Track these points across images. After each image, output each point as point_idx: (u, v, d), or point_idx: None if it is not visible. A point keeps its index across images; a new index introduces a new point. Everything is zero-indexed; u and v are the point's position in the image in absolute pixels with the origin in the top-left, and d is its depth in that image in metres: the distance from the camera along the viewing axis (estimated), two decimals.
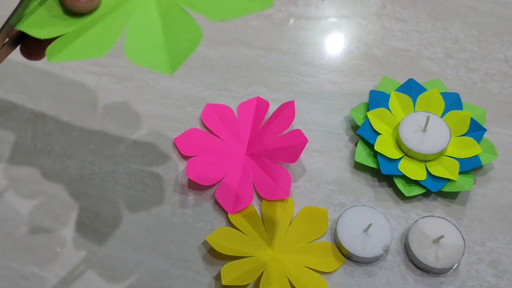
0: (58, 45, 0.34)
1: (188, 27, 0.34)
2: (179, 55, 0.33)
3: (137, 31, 0.34)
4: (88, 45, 0.34)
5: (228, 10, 0.33)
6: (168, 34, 0.33)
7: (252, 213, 0.52)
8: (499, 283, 0.49)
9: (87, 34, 0.34)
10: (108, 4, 0.36)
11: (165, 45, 0.33)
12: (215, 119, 0.58)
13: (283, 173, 0.53)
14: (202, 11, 0.34)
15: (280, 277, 0.48)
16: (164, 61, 0.33)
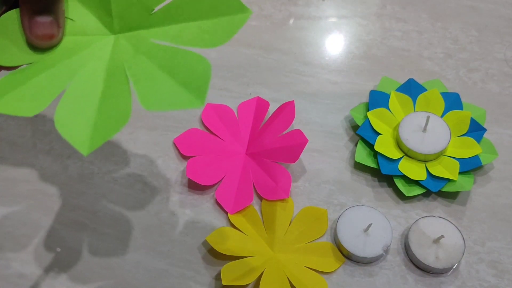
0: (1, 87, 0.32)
1: (121, 103, 0.32)
2: (101, 135, 0.31)
3: (75, 93, 0.32)
4: (23, 99, 0.32)
5: (159, 102, 0.32)
6: (103, 106, 0.32)
7: (252, 213, 0.52)
8: (499, 283, 0.49)
9: (27, 84, 0.32)
10: (64, 48, 0.34)
11: (94, 120, 0.31)
12: (215, 119, 0.57)
13: (283, 173, 0.53)
14: (139, 92, 0.33)
15: (280, 277, 0.48)
16: (86, 139, 0.31)
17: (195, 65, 0.32)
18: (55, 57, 0.34)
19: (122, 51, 0.34)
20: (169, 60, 0.33)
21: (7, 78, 0.33)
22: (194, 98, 0.31)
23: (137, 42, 0.34)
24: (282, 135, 0.54)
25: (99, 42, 0.34)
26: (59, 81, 0.33)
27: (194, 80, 0.31)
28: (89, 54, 0.34)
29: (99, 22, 0.35)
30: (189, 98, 0.31)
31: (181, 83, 0.32)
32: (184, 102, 0.31)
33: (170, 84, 0.32)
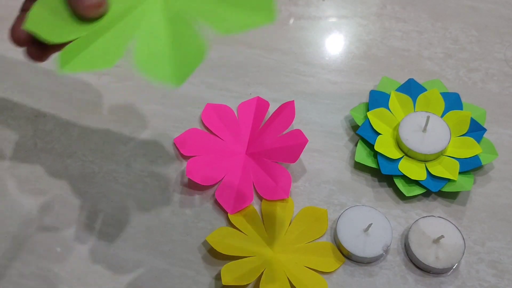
0: (69, 54, 0.34)
1: (195, 40, 0.34)
2: (186, 68, 0.33)
3: (145, 42, 0.34)
4: (97, 55, 0.34)
5: (231, 25, 0.34)
6: (175, 46, 0.34)
7: (252, 213, 0.52)
8: (499, 283, 0.49)
9: (96, 43, 0.34)
10: (115, 12, 0.35)
11: (173, 58, 0.33)
12: (215, 119, 0.58)
13: (283, 173, 0.53)
14: (208, 23, 0.34)
15: (280, 277, 0.48)
16: (172, 74, 0.33)
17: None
18: (111, 20, 0.34)
19: (172, 3, 0.35)
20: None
21: (72, 45, 0.33)
22: (264, 16, 0.32)
23: None
24: (282, 135, 0.54)
25: (146, 2, 0.35)
26: (125, 35, 0.34)
27: (257, 3, 0.33)
28: (142, 11, 0.35)
29: None
30: (260, 17, 0.33)
31: (246, 8, 0.33)
32: (256, 21, 0.33)
33: (236, 11, 0.33)
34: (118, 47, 0.34)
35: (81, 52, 0.33)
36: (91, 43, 0.34)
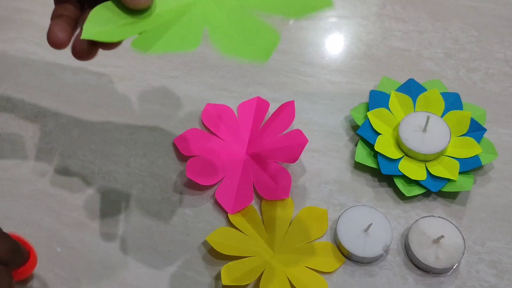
0: (147, 40, 0.35)
1: (264, 28, 0.35)
2: (268, 45, 0.34)
3: (218, 31, 0.36)
4: (177, 39, 0.35)
5: (296, 10, 0.35)
6: (248, 33, 0.35)
7: (252, 213, 0.52)
8: (499, 283, 0.49)
9: (170, 31, 0.36)
10: (171, 9, 0.37)
11: (251, 40, 0.35)
12: (215, 119, 0.58)
13: (283, 173, 0.53)
14: (275, 12, 0.36)
15: (280, 277, 0.48)
16: (257, 51, 0.34)
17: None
18: (172, 16, 0.36)
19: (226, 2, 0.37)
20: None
21: (147, 34, 0.36)
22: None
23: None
24: (282, 135, 0.54)
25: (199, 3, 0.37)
26: (196, 24, 0.36)
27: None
28: (201, 10, 0.37)
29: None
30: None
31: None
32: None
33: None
34: (195, 33, 0.36)
35: (161, 37, 0.35)
36: (165, 31, 0.36)
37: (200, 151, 0.55)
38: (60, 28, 0.38)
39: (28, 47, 0.64)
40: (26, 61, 0.63)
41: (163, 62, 0.63)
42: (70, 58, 0.38)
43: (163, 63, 0.63)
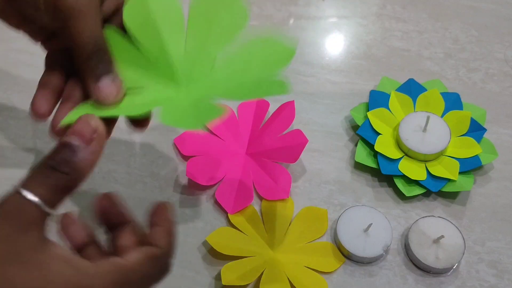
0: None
1: (210, 107, 0.36)
2: (208, 117, 0.35)
3: (168, 105, 0.37)
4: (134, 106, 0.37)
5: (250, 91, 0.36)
6: (194, 107, 0.36)
7: (252, 213, 0.52)
8: (499, 283, 0.49)
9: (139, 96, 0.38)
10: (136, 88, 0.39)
11: (192, 112, 0.36)
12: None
13: (283, 173, 0.53)
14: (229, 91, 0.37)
15: (280, 277, 0.48)
16: (191, 120, 0.35)
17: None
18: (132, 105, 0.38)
19: (197, 94, 0.38)
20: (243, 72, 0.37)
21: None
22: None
23: (209, 86, 0.38)
24: (282, 135, 0.54)
25: (173, 95, 0.38)
26: (149, 104, 0.38)
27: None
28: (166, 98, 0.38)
29: (164, 84, 0.39)
30: (275, 86, 0.36)
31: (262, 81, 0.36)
32: (272, 89, 0.36)
33: (253, 83, 0.37)
34: (143, 105, 0.37)
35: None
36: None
37: (200, 151, 0.55)
38: (44, 100, 0.39)
39: (28, 47, 0.63)
40: (26, 61, 0.62)
41: None
42: None
43: None
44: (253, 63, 0.38)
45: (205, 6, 0.40)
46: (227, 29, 0.39)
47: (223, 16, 0.40)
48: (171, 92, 0.38)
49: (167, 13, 0.40)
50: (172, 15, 0.40)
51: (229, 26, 0.39)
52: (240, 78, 0.38)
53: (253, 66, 0.38)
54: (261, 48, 0.38)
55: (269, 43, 0.38)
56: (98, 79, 0.36)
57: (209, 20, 0.40)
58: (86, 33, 0.36)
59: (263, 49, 0.38)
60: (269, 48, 0.38)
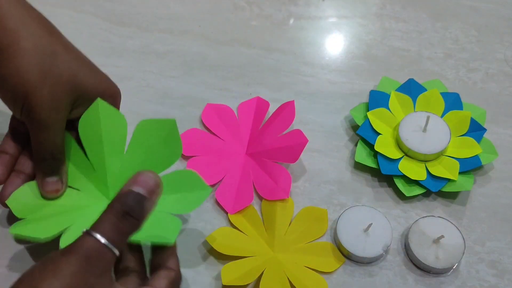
0: (22, 221, 0.43)
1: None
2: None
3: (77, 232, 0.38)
4: (39, 226, 0.42)
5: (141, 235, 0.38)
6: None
7: (252, 213, 0.52)
8: (499, 283, 0.49)
9: (47, 219, 0.44)
10: (68, 208, 0.45)
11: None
12: (215, 119, 0.58)
13: (283, 173, 0.53)
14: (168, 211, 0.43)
15: (280, 277, 0.48)
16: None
17: (168, 223, 0.43)
18: (63, 210, 0.45)
19: None
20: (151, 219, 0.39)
21: (27, 220, 0.44)
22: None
23: None
24: (282, 135, 0.54)
25: (97, 205, 0.45)
26: (65, 222, 0.44)
27: (166, 232, 0.42)
28: (91, 214, 0.43)
29: (97, 190, 0.46)
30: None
31: (157, 235, 0.41)
32: (158, 238, 0.41)
33: (149, 228, 0.39)
34: (56, 228, 0.43)
35: (30, 222, 0.43)
36: (43, 218, 0.44)
37: (200, 151, 0.55)
38: (3, 167, 0.45)
39: None
40: None
41: (163, 62, 0.63)
42: None
43: (163, 63, 0.63)
44: (169, 198, 0.44)
45: (146, 136, 0.46)
46: (161, 160, 0.45)
47: (160, 148, 0.45)
48: (97, 202, 0.45)
49: (113, 132, 0.46)
50: (116, 135, 0.46)
51: (163, 157, 0.45)
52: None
53: (168, 200, 0.44)
54: (182, 183, 0.45)
55: (188, 182, 0.45)
56: (44, 177, 0.44)
57: (146, 149, 0.46)
58: (46, 144, 0.43)
59: (184, 184, 0.45)
60: (190, 183, 0.45)
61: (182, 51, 0.64)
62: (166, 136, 0.45)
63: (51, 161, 0.44)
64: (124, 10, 0.67)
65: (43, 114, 0.42)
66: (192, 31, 0.66)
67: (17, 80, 0.41)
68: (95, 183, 0.46)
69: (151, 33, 0.65)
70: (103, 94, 0.46)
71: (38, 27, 0.42)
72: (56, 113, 0.42)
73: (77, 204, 0.45)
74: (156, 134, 0.46)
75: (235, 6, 0.68)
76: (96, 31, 0.65)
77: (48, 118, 0.42)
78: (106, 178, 0.46)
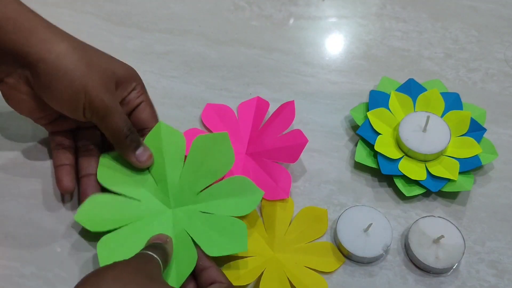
0: (107, 246, 0.47)
1: (189, 252, 0.46)
2: (182, 275, 0.45)
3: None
4: (127, 254, 0.43)
5: (216, 249, 0.47)
6: (178, 257, 0.46)
7: (252, 213, 0.52)
8: (499, 283, 0.49)
9: (127, 244, 0.47)
10: (139, 223, 0.49)
11: (175, 268, 0.46)
12: (215, 119, 0.58)
13: (283, 173, 0.53)
14: (200, 243, 0.47)
15: (280, 277, 0.48)
16: (174, 278, 0.45)
17: (234, 226, 0.48)
18: (138, 226, 0.49)
19: (180, 220, 0.49)
20: (214, 223, 0.48)
21: (111, 238, 0.48)
22: (238, 245, 0.47)
23: (190, 213, 0.49)
24: (282, 135, 0.54)
25: (163, 215, 0.49)
26: (143, 240, 0.47)
27: (235, 235, 0.47)
28: (159, 224, 0.49)
29: (159, 201, 0.50)
30: (235, 246, 0.47)
31: (227, 237, 0.47)
32: (232, 248, 0.47)
33: (220, 238, 0.47)
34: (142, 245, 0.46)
35: (116, 250, 0.47)
36: (123, 243, 0.47)
37: None
38: (68, 177, 0.50)
39: None
40: None
41: (163, 62, 0.63)
42: None
43: (163, 63, 0.63)
44: (227, 203, 0.49)
45: (202, 150, 0.51)
46: (214, 170, 0.50)
47: (214, 159, 0.51)
48: (161, 209, 0.50)
49: (173, 149, 0.52)
50: (176, 151, 0.52)
51: (217, 167, 0.50)
52: (215, 212, 0.49)
53: (226, 205, 0.49)
54: (236, 187, 0.50)
55: (241, 190, 0.50)
56: (134, 151, 0.49)
57: (202, 161, 0.51)
58: (120, 122, 0.48)
59: (238, 188, 0.50)
60: (243, 187, 0.50)
61: (182, 51, 0.64)
62: (220, 148, 0.51)
63: (132, 135, 0.49)
64: (124, 10, 0.67)
65: (106, 99, 0.46)
66: (192, 31, 0.66)
67: (71, 77, 0.45)
68: (156, 194, 0.50)
69: (151, 33, 0.65)
70: (130, 77, 0.51)
71: (55, 30, 0.47)
72: (113, 95, 0.48)
73: (141, 214, 0.50)
74: (211, 147, 0.51)
75: (235, 6, 0.68)
76: (96, 31, 0.65)
77: (111, 101, 0.47)
78: (167, 189, 0.50)
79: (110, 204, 0.49)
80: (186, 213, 0.49)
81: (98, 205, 0.49)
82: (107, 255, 0.46)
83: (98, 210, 0.49)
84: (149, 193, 0.50)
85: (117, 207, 0.49)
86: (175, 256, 0.46)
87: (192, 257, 0.46)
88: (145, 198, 0.50)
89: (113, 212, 0.49)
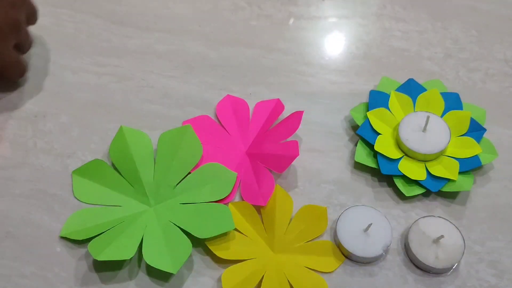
0: (98, 246, 0.47)
1: (182, 240, 0.48)
2: (178, 259, 0.47)
3: (149, 242, 0.48)
4: (120, 249, 0.47)
5: (205, 231, 0.49)
6: (169, 245, 0.48)
7: (252, 213, 0.52)
8: (499, 283, 0.49)
9: (116, 241, 0.48)
10: (124, 218, 0.50)
11: (170, 253, 0.47)
12: (229, 112, 0.58)
13: (269, 180, 0.52)
14: (189, 229, 0.49)
15: (281, 279, 0.48)
16: (169, 264, 0.46)
17: (217, 209, 0.50)
18: (123, 225, 0.50)
19: (163, 215, 0.50)
20: (197, 211, 0.50)
21: (100, 239, 0.48)
22: (225, 225, 0.49)
23: (171, 207, 0.51)
24: (281, 142, 0.54)
25: (146, 214, 0.51)
26: (135, 237, 0.49)
27: (220, 216, 0.50)
28: (144, 221, 0.50)
29: (139, 202, 0.52)
30: (222, 226, 0.49)
31: (212, 220, 0.49)
32: (220, 229, 0.49)
33: (206, 222, 0.49)
34: (133, 244, 0.48)
35: (108, 246, 0.47)
36: (113, 240, 0.48)
37: (203, 138, 0.55)
38: None
39: None
40: None
41: (163, 62, 0.63)
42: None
43: (163, 63, 0.63)
44: (204, 190, 0.51)
45: (169, 146, 0.54)
46: (185, 162, 0.53)
47: (182, 153, 0.53)
48: (143, 209, 0.51)
49: (141, 150, 0.53)
50: (144, 151, 0.53)
51: (186, 161, 0.53)
52: (195, 201, 0.51)
53: (203, 192, 0.51)
54: (209, 175, 0.52)
55: (215, 171, 0.52)
56: None
57: (172, 156, 0.53)
58: None
59: (211, 175, 0.52)
60: (215, 173, 0.52)
61: (182, 51, 0.64)
62: (186, 140, 0.53)
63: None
64: (124, 10, 0.67)
65: None
66: (192, 31, 0.66)
67: None
68: (134, 196, 0.52)
69: (151, 33, 0.65)
70: None
71: None
72: None
73: (125, 216, 0.51)
74: (177, 141, 0.53)
75: (235, 6, 0.68)
76: (96, 31, 0.65)
77: None
78: (144, 189, 0.52)
79: (92, 214, 0.51)
80: (167, 207, 0.51)
81: (80, 218, 0.51)
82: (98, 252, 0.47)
83: (81, 222, 0.50)
84: (127, 197, 0.52)
85: (100, 215, 0.51)
86: (168, 245, 0.48)
87: (186, 243, 0.48)
88: (125, 202, 0.52)
89: (96, 220, 0.50)
